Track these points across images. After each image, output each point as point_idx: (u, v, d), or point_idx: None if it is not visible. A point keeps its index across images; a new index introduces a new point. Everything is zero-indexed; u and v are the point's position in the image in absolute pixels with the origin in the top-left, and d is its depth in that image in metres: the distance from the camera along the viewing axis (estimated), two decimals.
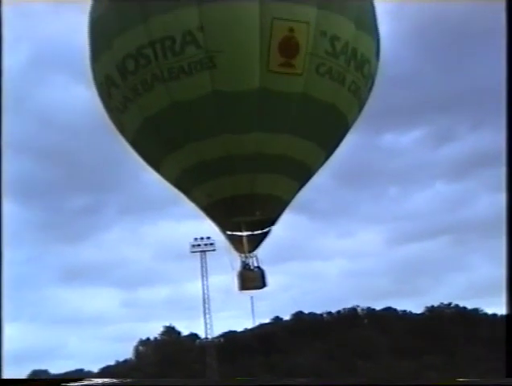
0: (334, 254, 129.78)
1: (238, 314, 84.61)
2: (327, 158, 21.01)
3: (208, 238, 71.12)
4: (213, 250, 71.21)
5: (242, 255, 20.95)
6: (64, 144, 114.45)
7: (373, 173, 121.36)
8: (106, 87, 20.01)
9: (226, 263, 21.16)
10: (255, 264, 20.99)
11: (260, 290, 21.21)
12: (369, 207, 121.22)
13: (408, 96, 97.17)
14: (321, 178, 21.79)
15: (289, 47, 18.20)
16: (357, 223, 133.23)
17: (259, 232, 20.75)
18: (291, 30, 18.08)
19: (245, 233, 20.61)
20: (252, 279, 20.87)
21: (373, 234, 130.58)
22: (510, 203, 11.73)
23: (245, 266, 20.92)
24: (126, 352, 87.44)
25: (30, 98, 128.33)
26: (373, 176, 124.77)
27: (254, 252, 20.99)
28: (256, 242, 20.85)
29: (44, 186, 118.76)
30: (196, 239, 72.95)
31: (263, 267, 21.09)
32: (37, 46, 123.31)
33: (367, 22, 19.93)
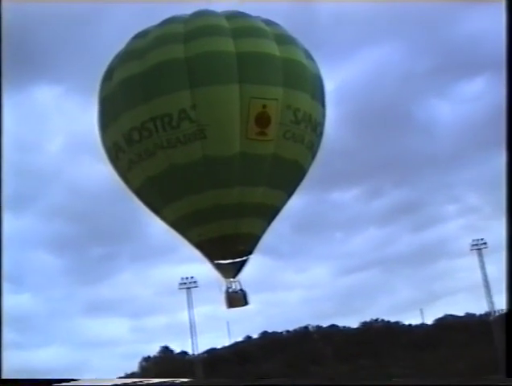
0: (292, 286, 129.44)
1: (218, 334, 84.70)
2: (289, 198, 20.59)
3: (192, 277, 69.45)
4: (196, 287, 69.74)
5: (228, 280, 20.15)
6: (87, 207, 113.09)
7: (323, 222, 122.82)
8: (114, 151, 19.28)
9: (207, 297, 20.31)
10: (239, 287, 20.20)
11: (244, 307, 20.34)
12: (320, 248, 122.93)
13: (349, 164, 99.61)
14: (282, 226, 21.44)
15: (263, 120, 18.07)
16: (310, 261, 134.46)
17: (241, 259, 20.10)
18: (264, 106, 17.99)
19: (229, 261, 19.93)
20: (237, 299, 20.10)
21: (322, 269, 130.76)
22: (510, 205, 11.56)
23: (231, 289, 20.12)
24: (133, 367, 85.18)
25: (64, 173, 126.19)
26: (322, 224, 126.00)
27: (237, 278, 20.20)
28: (239, 268, 20.13)
29: (72, 240, 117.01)
30: (182, 278, 70.68)
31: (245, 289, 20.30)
32: (70, 135, 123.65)
33: (318, 93, 19.86)
